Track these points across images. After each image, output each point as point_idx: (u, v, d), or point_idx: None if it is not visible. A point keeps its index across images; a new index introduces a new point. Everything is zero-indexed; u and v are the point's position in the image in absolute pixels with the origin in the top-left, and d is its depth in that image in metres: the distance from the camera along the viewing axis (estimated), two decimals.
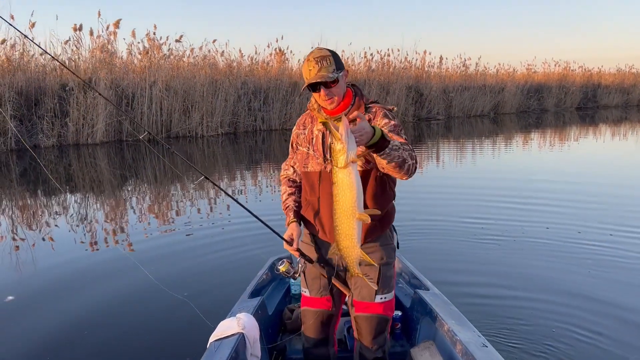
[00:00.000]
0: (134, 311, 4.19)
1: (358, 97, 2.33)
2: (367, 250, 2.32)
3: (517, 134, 19.00)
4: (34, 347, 3.59)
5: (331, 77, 2.16)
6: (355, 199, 1.89)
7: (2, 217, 7.44)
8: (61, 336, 3.75)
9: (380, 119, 2.25)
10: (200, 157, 13.14)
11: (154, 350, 3.56)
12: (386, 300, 2.42)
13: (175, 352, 3.46)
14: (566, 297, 4.26)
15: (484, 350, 2.33)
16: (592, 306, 4.10)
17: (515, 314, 3.96)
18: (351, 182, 1.87)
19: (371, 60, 22.50)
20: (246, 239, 5.98)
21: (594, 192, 8.37)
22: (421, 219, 6.65)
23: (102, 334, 3.78)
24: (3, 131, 13.25)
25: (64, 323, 3.95)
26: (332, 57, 2.19)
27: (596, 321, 3.83)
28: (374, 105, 2.33)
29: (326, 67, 2.17)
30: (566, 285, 4.52)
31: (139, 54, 16.45)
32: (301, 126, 2.46)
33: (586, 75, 33.98)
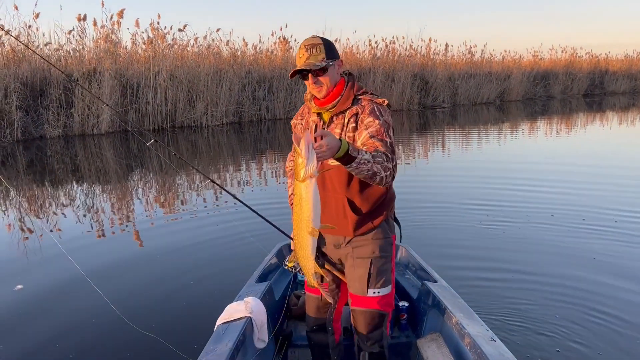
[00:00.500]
0: (140, 296, 4.25)
1: (348, 87, 2.28)
2: (357, 244, 2.34)
3: (523, 121, 18.89)
4: (43, 336, 3.64)
5: (317, 66, 2.16)
6: (311, 212, 1.92)
7: (10, 208, 7.50)
8: (68, 325, 3.79)
9: (367, 117, 2.20)
10: (205, 147, 13.16)
11: (163, 332, 3.59)
12: (380, 295, 2.37)
13: (182, 336, 3.50)
14: (573, 287, 4.25)
15: (492, 344, 2.29)
16: (599, 294, 4.09)
17: (522, 303, 3.96)
18: (308, 196, 1.90)
19: (376, 48, 22.40)
20: (253, 225, 6.01)
21: (599, 179, 8.34)
22: (426, 207, 6.65)
23: (108, 320, 3.82)
24: (9, 122, 13.30)
25: (72, 311, 3.99)
26: (322, 45, 2.18)
27: (604, 310, 3.82)
28: (363, 97, 2.27)
29: (315, 56, 2.17)
30: (572, 273, 4.51)
31: (143, 44, 16.43)
32: (299, 116, 2.48)
33: (593, 62, 33.67)
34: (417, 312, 3.05)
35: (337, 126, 2.26)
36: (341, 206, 2.29)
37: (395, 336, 2.96)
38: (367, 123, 2.18)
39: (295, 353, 2.92)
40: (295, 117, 2.52)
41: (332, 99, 2.26)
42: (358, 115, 2.22)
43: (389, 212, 2.40)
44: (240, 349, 2.33)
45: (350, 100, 2.25)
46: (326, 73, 2.20)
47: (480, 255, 5.02)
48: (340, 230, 2.34)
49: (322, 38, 2.23)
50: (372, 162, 2.01)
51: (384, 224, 2.37)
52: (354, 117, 2.23)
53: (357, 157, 1.96)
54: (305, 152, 1.83)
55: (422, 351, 2.60)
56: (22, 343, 3.54)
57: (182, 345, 3.36)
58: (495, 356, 2.16)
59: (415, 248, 3.67)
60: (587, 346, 3.36)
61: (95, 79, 14.22)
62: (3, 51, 14.22)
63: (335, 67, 2.24)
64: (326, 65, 2.18)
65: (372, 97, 2.28)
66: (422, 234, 5.59)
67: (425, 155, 11.55)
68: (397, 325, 3.04)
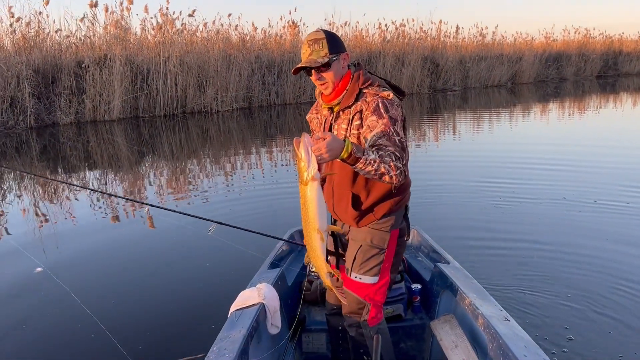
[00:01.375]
0: (153, 282, 4.34)
1: (353, 80, 2.21)
2: (356, 230, 2.35)
3: (535, 104, 18.71)
4: (63, 317, 3.74)
5: (319, 62, 2.12)
6: (316, 215, 1.95)
7: (25, 194, 7.62)
8: (85, 305, 3.89)
9: (370, 115, 2.13)
10: (215, 132, 13.21)
11: (177, 318, 3.68)
12: (361, 281, 2.34)
13: (196, 323, 3.57)
14: (586, 266, 4.30)
15: (507, 324, 2.28)
16: (613, 273, 4.13)
17: (536, 282, 4.00)
18: (312, 197, 1.93)
19: (386, 31, 22.19)
20: (264, 211, 6.09)
21: (612, 159, 8.35)
22: (438, 189, 6.71)
23: (124, 302, 3.91)
24: (22, 109, 13.43)
25: (87, 293, 4.09)
26: (325, 40, 2.13)
27: (620, 289, 3.85)
28: (368, 91, 2.18)
29: (317, 51, 2.13)
30: (586, 253, 4.56)
31: (152, 30, 16.43)
32: (314, 110, 2.46)
33: (607, 43, 33.10)
34: (430, 294, 3.05)
35: (344, 122, 2.23)
36: (345, 200, 2.30)
37: (408, 318, 2.98)
38: (370, 123, 2.12)
39: (309, 337, 2.94)
40: (310, 112, 2.49)
41: (339, 94, 2.22)
42: (362, 112, 2.16)
43: (396, 206, 2.33)
44: (254, 335, 2.36)
45: (354, 95, 2.19)
46: (330, 68, 2.15)
47: (493, 236, 5.06)
48: (345, 220, 2.39)
49: (326, 32, 2.17)
50: (379, 162, 1.99)
51: (387, 217, 2.32)
52: (359, 115, 2.17)
53: (362, 157, 1.96)
54: (305, 156, 1.86)
55: (436, 333, 2.62)
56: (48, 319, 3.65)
57: (195, 332, 3.44)
58: (509, 336, 2.17)
59: (427, 230, 3.68)
60: (602, 323, 3.39)
61: (106, 65, 14.27)
62: (14, 38, 14.29)
63: (340, 61, 2.18)
64: (329, 60, 2.13)
65: (377, 89, 2.18)
66: (434, 216, 5.65)
67: (436, 138, 11.52)
68: (411, 308, 3.05)
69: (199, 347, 3.03)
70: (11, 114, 13.34)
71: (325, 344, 2.90)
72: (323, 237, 2.01)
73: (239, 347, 2.16)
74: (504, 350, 2.11)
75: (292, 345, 2.83)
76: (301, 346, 2.96)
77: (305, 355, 2.96)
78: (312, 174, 1.88)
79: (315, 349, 2.95)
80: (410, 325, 2.93)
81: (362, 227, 2.34)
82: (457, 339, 2.50)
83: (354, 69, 2.25)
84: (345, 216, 2.36)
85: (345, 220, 2.40)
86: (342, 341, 2.60)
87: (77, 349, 3.37)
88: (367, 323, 2.38)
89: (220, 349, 2.18)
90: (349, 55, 2.26)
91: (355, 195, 2.28)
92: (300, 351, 2.95)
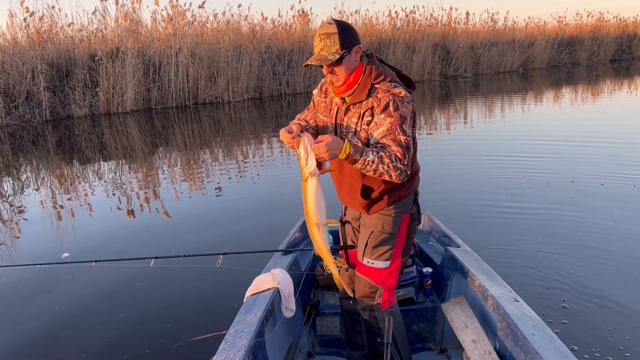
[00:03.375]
0: (168, 271, 4.42)
1: (365, 75, 2.18)
2: (367, 217, 2.40)
3: (547, 89, 18.54)
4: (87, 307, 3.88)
5: (329, 60, 2.10)
6: (315, 208, 2.05)
7: (43, 186, 7.79)
8: (105, 295, 4.03)
9: (380, 112, 2.13)
10: (227, 123, 13.30)
11: (195, 304, 3.79)
12: (373, 266, 2.38)
13: (213, 307, 3.69)
14: (595, 247, 4.37)
15: (516, 304, 2.33)
16: (623, 255, 4.19)
17: (545, 262, 4.08)
18: (311, 193, 2.03)
19: (396, 18, 22.04)
20: (275, 202, 6.19)
21: (621, 144, 8.39)
22: (448, 174, 6.80)
23: (143, 293, 4.04)
24: (38, 103, 13.63)
25: (106, 284, 4.22)
26: (337, 35, 2.09)
27: (631, 272, 3.90)
28: (380, 87, 2.16)
29: (329, 47, 2.10)
30: (594, 235, 4.64)
31: (163, 22, 16.51)
32: (322, 93, 2.43)
33: (621, 26, 32.54)
34: (441, 277, 3.10)
35: (354, 115, 2.22)
36: (355, 190, 2.33)
37: (420, 301, 3.04)
38: (378, 121, 2.14)
39: (323, 321, 3.01)
40: (318, 90, 2.45)
41: (350, 87, 2.20)
42: (374, 109, 2.15)
43: (405, 192, 2.36)
44: (269, 319, 2.42)
45: (366, 90, 2.17)
46: (341, 64, 2.13)
47: (504, 219, 5.15)
48: (355, 207, 2.44)
49: (338, 24, 2.12)
50: (377, 163, 2.07)
51: (396, 204, 2.36)
52: (370, 111, 2.16)
53: (360, 158, 2.04)
54: (304, 154, 1.96)
55: (447, 314, 2.68)
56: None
57: (212, 317, 3.53)
58: (518, 315, 2.22)
59: (438, 215, 3.74)
60: (610, 305, 3.44)
61: (119, 58, 14.40)
62: (28, 33, 14.47)
63: (352, 54, 2.15)
64: (340, 56, 2.11)
65: (389, 85, 2.16)
66: (444, 201, 5.72)
67: (447, 125, 11.52)
68: (422, 291, 3.11)
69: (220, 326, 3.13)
70: (27, 108, 13.54)
71: (339, 327, 2.96)
72: (322, 230, 2.11)
73: (255, 330, 2.22)
74: (512, 330, 2.16)
75: (306, 328, 2.89)
76: (315, 329, 3.02)
77: (320, 337, 3.02)
78: (310, 170, 1.98)
79: (329, 331, 3.01)
80: (422, 308, 2.99)
81: (373, 213, 2.38)
82: (468, 319, 2.57)
83: (366, 61, 2.23)
84: (355, 204, 2.40)
85: (355, 208, 2.44)
86: (356, 324, 2.64)
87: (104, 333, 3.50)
88: (380, 306, 2.43)
89: (237, 331, 2.25)
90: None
91: (365, 186, 2.31)
92: (315, 334, 3.01)
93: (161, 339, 3.37)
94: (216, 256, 2.61)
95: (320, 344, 3.02)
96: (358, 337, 2.66)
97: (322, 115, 2.41)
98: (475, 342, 2.40)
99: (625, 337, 3.09)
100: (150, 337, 3.40)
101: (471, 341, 2.42)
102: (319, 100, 2.43)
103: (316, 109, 2.47)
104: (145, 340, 3.36)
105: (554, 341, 2.03)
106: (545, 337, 2.05)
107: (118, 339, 3.41)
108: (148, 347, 3.28)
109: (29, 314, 3.80)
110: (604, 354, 2.93)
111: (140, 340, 3.36)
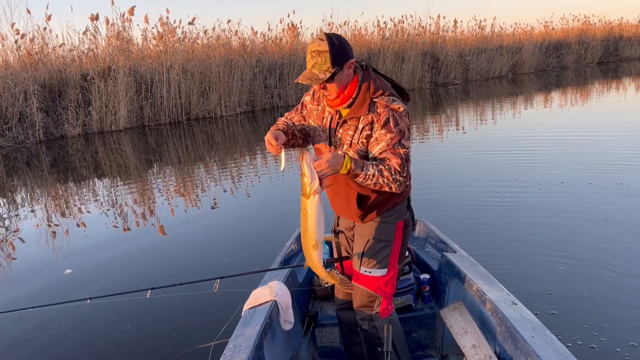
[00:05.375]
0: (167, 302, 4.42)
1: (363, 89, 2.19)
2: (361, 226, 2.42)
3: (536, 93, 18.70)
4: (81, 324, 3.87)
5: (320, 79, 2.10)
6: (315, 227, 2.07)
7: (37, 206, 7.78)
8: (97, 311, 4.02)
9: (380, 128, 2.15)
10: (221, 137, 13.34)
11: (190, 319, 3.80)
12: (371, 274, 2.38)
13: (210, 322, 3.64)
14: (590, 246, 4.46)
15: (514, 307, 2.35)
16: (615, 255, 4.26)
17: (541, 264, 4.14)
18: (312, 211, 2.06)
19: (385, 28, 22.21)
20: (269, 215, 6.21)
21: (607, 144, 8.59)
22: (442, 181, 6.88)
23: (137, 311, 4.04)
24: (31, 124, 13.62)
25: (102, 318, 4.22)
26: (328, 53, 2.07)
27: (622, 272, 3.95)
28: (379, 101, 2.18)
29: (320, 65, 2.09)
30: (586, 234, 4.73)
31: (154, 39, 16.58)
32: (315, 101, 2.42)
33: (607, 29, 32.90)
34: (438, 283, 3.10)
35: (351, 128, 2.23)
36: (350, 199, 2.35)
37: (419, 308, 3.04)
38: (379, 136, 2.16)
39: (322, 332, 3.01)
40: (311, 97, 2.45)
41: (345, 101, 2.22)
42: (373, 124, 2.17)
43: (399, 199, 2.39)
44: (267, 331, 2.42)
45: (365, 105, 2.18)
46: (332, 81, 2.13)
47: (499, 223, 5.23)
48: (349, 217, 2.46)
49: (330, 40, 2.09)
50: (377, 176, 2.12)
51: (391, 211, 2.38)
52: (369, 126, 2.18)
53: (362, 173, 2.09)
54: (309, 172, 1.98)
55: (446, 320, 2.68)
56: None
57: (210, 332, 3.46)
58: (516, 318, 2.23)
59: (433, 221, 3.76)
60: (605, 304, 3.49)
61: (111, 76, 14.45)
62: (20, 55, 14.50)
63: (344, 70, 2.14)
64: (332, 74, 2.10)
65: (387, 100, 2.18)
66: (440, 207, 5.77)
67: (439, 131, 11.60)
68: (420, 298, 3.11)
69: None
70: (20, 129, 13.53)
71: (339, 338, 2.96)
72: (318, 246, 2.13)
73: (254, 343, 2.21)
74: (512, 333, 2.16)
75: (305, 340, 2.87)
76: (315, 341, 3.01)
77: (320, 349, 3.01)
78: (314, 188, 2.00)
79: (328, 342, 3.01)
80: (421, 315, 2.99)
81: (368, 222, 2.39)
82: (467, 325, 2.57)
83: (361, 73, 2.22)
84: (351, 214, 2.41)
85: (350, 218, 2.46)
86: (354, 334, 2.64)
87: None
88: (379, 315, 2.44)
89: (235, 346, 2.23)
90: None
91: (361, 195, 2.32)
92: (314, 346, 3.00)
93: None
94: (213, 281, 2.59)
95: (321, 355, 3.01)
96: (357, 348, 2.66)
97: (314, 122, 2.41)
98: (476, 347, 2.41)
99: (622, 335, 3.12)
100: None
101: (471, 346, 2.43)
102: (312, 107, 2.44)
103: (308, 113, 2.46)
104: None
105: (553, 343, 2.04)
106: (544, 339, 2.06)
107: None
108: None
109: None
110: (603, 353, 2.97)
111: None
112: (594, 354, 2.97)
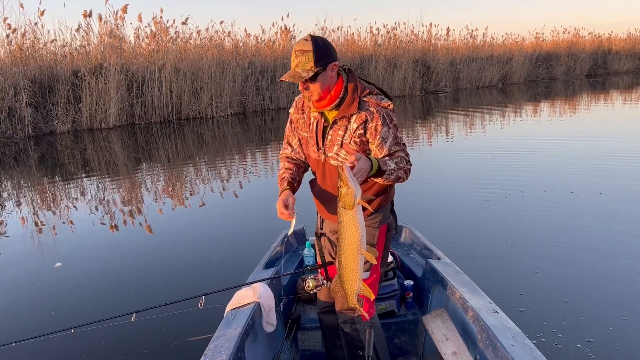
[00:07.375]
0: (149, 285, 4.45)
1: (351, 90, 2.22)
2: None
3: (525, 103, 18.92)
4: None
5: (302, 78, 2.13)
6: (360, 237, 2.00)
7: (24, 202, 7.73)
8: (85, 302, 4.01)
9: (380, 127, 2.20)
10: (211, 138, 13.33)
11: (174, 318, 3.79)
12: None
13: (193, 323, 3.59)
14: (570, 256, 4.54)
15: (495, 316, 2.36)
16: (595, 263, 4.35)
17: (524, 273, 4.21)
18: (356, 222, 1.99)
19: (377, 35, 22.36)
20: (257, 215, 6.24)
21: (591, 155, 8.81)
22: (429, 189, 6.92)
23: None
24: (20, 119, 13.52)
25: (87, 294, 4.22)
26: (312, 52, 2.11)
27: (604, 282, 4.02)
28: (369, 100, 2.22)
29: (303, 64, 2.12)
30: (568, 243, 4.83)
31: (146, 38, 16.55)
32: (299, 110, 2.43)
33: (596, 42, 33.38)
34: (422, 289, 3.11)
35: (340, 128, 2.25)
36: (337, 199, 2.36)
37: (402, 314, 3.05)
38: (384, 135, 2.21)
39: (304, 335, 3.00)
40: (294, 109, 2.47)
41: (331, 102, 2.24)
42: (367, 123, 2.20)
43: (384, 202, 2.41)
44: (249, 333, 2.42)
45: (355, 104, 2.21)
46: (315, 81, 2.16)
47: (484, 231, 5.30)
48: (334, 220, 2.41)
49: (315, 41, 2.14)
50: (396, 169, 2.18)
51: (376, 213, 2.38)
52: (363, 125, 2.21)
53: (387, 169, 2.13)
54: (352, 182, 1.93)
55: (428, 327, 2.70)
56: None
57: (193, 332, 3.49)
58: (497, 327, 2.25)
59: (419, 228, 3.80)
60: (587, 313, 3.55)
61: (102, 74, 14.39)
62: (10, 49, 14.40)
63: (327, 71, 2.17)
64: (314, 74, 2.13)
65: (377, 99, 2.23)
66: (425, 214, 5.84)
67: (429, 138, 11.69)
68: (404, 304, 3.13)
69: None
70: (9, 124, 13.43)
71: (321, 341, 2.95)
72: (370, 258, 2.04)
73: (235, 345, 2.21)
74: (492, 341, 2.18)
75: (287, 342, 2.87)
76: (297, 344, 3.01)
77: (301, 352, 3.01)
78: (359, 197, 1.96)
79: (310, 346, 3.01)
80: (404, 321, 3.00)
81: None
82: (448, 332, 2.58)
83: (345, 76, 2.25)
84: (336, 216, 2.47)
85: (334, 220, 2.43)
86: (336, 338, 2.64)
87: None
88: (361, 318, 2.43)
89: (216, 346, 2.23)
90: (340, 60, 2.28)
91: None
92: (296, 348, 3.00)
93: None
94: (198, 298, 2.56)
95: (302, 358, 3.01)
96: (339, 352, 2.66)
97: (302, 131, 2.43)
98: (456, 354, 2.42)
99: (604, 344, 3.18)
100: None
101: (452, 353, 2.44)
102: (297, 117, 2.46)
103: (295, 125, 2.49)
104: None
105: (533, 352, 2.07)
106: (524, 348, 2.08)
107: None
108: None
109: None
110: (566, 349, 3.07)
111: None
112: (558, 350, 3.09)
